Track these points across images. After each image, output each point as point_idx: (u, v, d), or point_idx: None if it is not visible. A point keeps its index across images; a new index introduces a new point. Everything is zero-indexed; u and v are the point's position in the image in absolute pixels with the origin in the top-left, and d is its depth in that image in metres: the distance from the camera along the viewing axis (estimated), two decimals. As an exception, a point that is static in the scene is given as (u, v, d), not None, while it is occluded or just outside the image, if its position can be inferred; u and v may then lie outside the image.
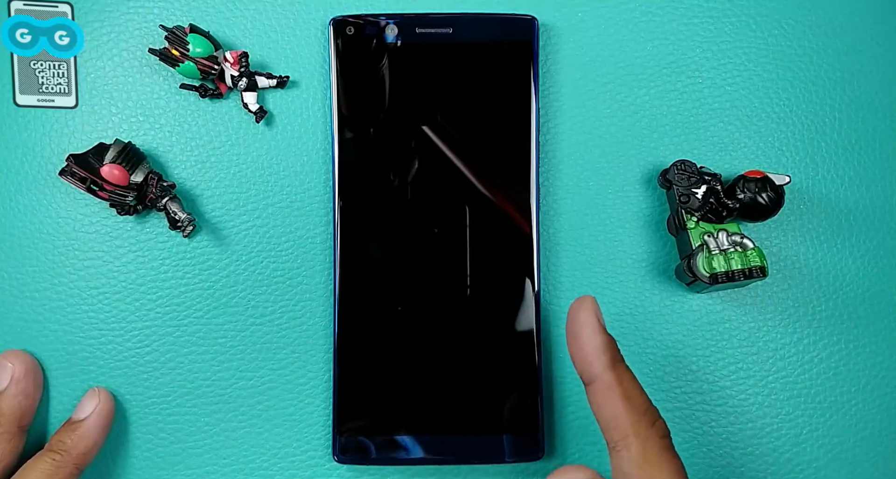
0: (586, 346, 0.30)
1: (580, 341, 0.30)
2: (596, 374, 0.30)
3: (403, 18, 0.36)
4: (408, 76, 0.36)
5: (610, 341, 0.30)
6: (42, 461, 0.34)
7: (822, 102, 0.39)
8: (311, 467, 0.37)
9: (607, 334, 0.30)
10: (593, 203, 0.38)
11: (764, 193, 0.35)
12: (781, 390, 0.38)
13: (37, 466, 0.33)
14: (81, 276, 0.37)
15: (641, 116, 0.38)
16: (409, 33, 0.36)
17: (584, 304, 0.31)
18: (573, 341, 0.31)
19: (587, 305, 0.30)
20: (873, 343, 0.39)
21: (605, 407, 0.29)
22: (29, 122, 0.37)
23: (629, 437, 0.29)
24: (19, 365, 0.35)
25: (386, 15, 0.36)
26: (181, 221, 0.35)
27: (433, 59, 0.36)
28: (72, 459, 0.34)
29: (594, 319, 0.30)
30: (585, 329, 0.30)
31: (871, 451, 0.38)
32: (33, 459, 0.34)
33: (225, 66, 0.36)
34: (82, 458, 0.34)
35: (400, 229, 0.36)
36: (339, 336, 0.36)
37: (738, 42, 0.39)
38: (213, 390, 0.37)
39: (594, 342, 0.30)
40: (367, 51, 0.36)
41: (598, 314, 0.30)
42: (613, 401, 0.29)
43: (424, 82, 0.36)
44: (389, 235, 0.36)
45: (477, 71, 0.36)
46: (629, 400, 0.29)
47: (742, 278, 0.35)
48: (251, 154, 0.37)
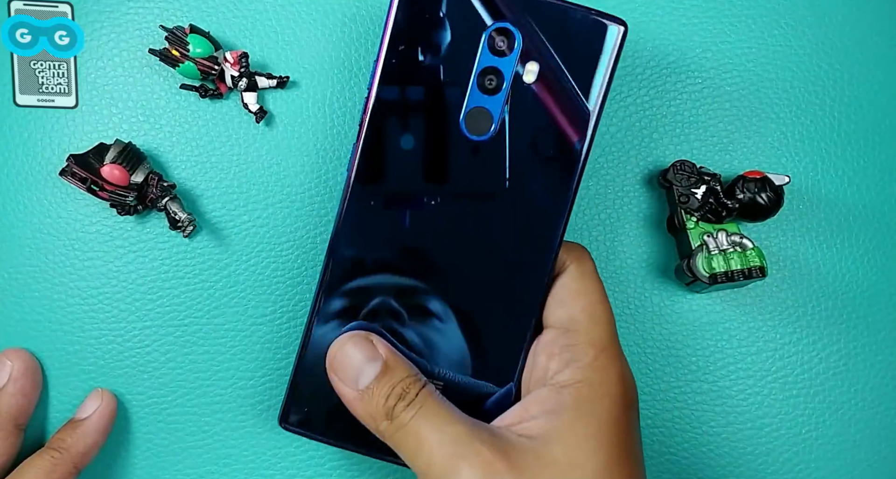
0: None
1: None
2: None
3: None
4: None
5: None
6: (41, 459, 0.34)
7: (822, 102, 0.39)
8: (311, 467, 0.37)
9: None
10: (593, 203, 0.38)
11: (763, 193, 0.35)
12: (781, 391, 0.38)
13: (35, 463, 0.34)
14: (82, 276, 0.37)
15: (641, 116, 0.38)
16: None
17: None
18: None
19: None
20: (873, 343, 0.39)
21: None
22: (29, 122, 0.37)
23: None
24: (18, 363, 0.35)
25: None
26: (181, 221, 0.35)
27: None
28: (71, 458, 0.34)
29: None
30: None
31: (871, 451, 0.38)
32: (32, 456, 0.34)
33: (225, 67, 0.36)
34: (81, 457, 0.34)
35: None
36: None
37: (738, 42, 0.39)
38: (213, 390, 0.37)
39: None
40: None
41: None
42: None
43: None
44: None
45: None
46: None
47: (742, 279, 0.35)
48: (251, 154, 0.37)
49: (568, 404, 0.29)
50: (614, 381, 0.29)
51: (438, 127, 0.31)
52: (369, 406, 0.29)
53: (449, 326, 0.32)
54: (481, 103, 0.31)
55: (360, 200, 0.31)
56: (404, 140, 0.31)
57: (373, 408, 0.29)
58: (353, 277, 0.32)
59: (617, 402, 0.29)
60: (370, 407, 0.29)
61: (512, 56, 0.31)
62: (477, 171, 0.32)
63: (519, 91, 0.31)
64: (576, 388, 0.29)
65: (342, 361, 0.30)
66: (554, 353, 0.30)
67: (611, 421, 0.29)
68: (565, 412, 0.29)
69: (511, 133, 0.31)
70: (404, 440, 0.29)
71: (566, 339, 0.30)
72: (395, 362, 0.30)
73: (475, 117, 0.31)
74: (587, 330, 0.30)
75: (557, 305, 0.31)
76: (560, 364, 0.30)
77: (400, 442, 0.29)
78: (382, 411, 0.29)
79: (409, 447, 0.29)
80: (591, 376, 0.29)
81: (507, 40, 0.31)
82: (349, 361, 0.30)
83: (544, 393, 0.30)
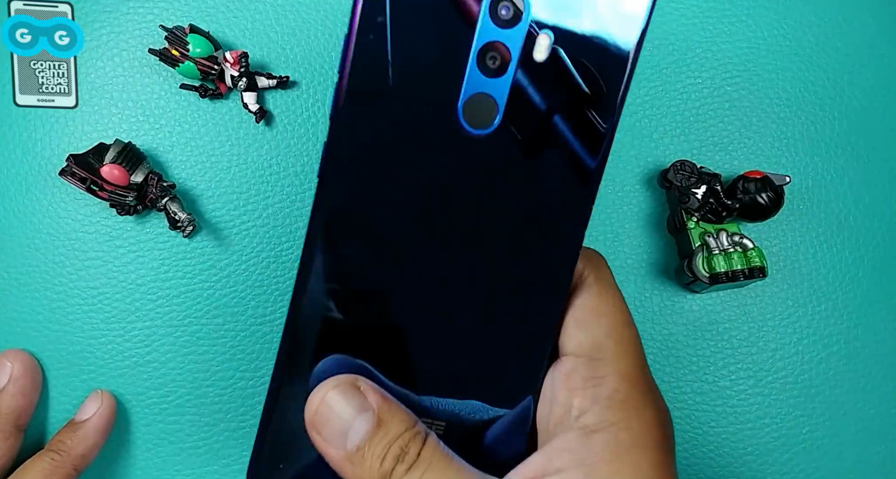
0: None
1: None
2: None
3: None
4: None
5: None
6: (41, 461, 0.34)
7: (822, 102, 0.39)
8: (311, 467, 0.37)
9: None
10: (593, 203, 0.38)
11: (764, 193, 0.35)
12: (781, 391, 0.38)
13: (35, 465, 0.34)
14: (81, 276, 0.37)
15: (641, 116, 0.38)
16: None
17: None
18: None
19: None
20: (873, 343, 0.39)
21: None
22: (29, 122, 0.37)
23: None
24: (18, 364, 0.35)
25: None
26: (181, 221, 0.35)
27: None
28: (70, 460, 0.34)
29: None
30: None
31: (871, 451, 0.38)
32: (32, 458, 0.34)
33: (225, 67, 0.36)
34: (81, 459, 0.34)
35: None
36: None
37: (738, 42, 0.39)
38: (213, 391, 0.37)
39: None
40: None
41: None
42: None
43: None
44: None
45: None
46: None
47: (742, 279, 0.35)
48: (251, 154, 0.37)
49: (603, 455, 0.24)
50: (652, 423, 0.25)
51: (431, 120, 0.25)
52: (362, 470, 0.24)
53: (450, 350, 0.27)
54: (483, 88, 0.25)
55: (337, 206, 0.25)
56: (390, 139, 0.25)
57: (366, 472, 0.24)
58: (334, 292, 0.26)
59: (659, 447, 0.25)
60: (363, 471, 0.24)
61: (520, 26, 0.24)
62: (479, 170, 0.26)
63: (528, 71, 0.25)
64: (610, 433, 0.24)
65: (326, 415, 0.25)
66: (576, 387, 0.25)
67: (653, 472, 0.24)
68: (601, 465, 0.24)
69: (520, 124, 0.25)
70: None
71: (590, 370, 0.25)
72: (389, 413, 0.25)
73: (476, 105, 0.25)
74: (616, 358, 0.25)
75: (577, 327, 0.26)
76: (586, 401, 0.25)
77: None
78: (378, 475, 0.24)
79: None
80: (626, 419, 0.25)
81: (512, 6, 0.24)
82: (334, 415, 0.25)
83: (571, 439, 0.24)
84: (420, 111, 0.25)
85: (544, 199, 0.26)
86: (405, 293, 0.26)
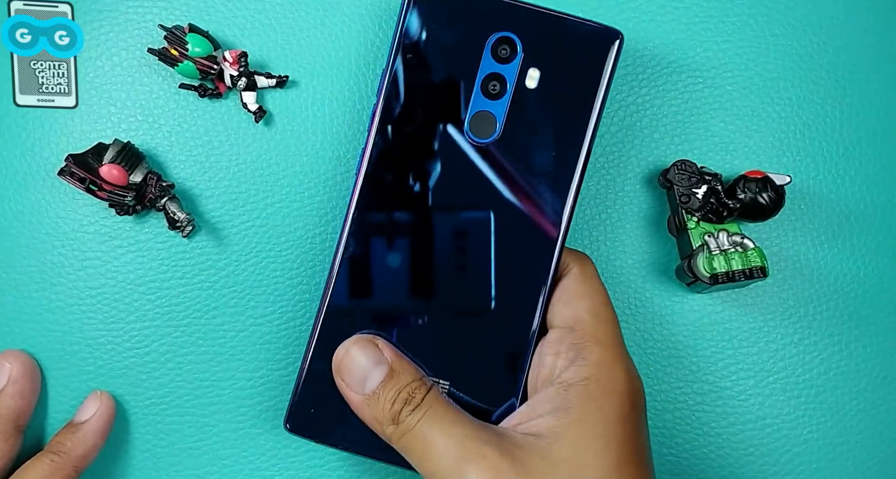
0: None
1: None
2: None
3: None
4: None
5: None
6: (40, 462, 0.34)
7: (822, 102, 0.39)
8: (311, 468, 0.37)
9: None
10: (593, 203, 0.38)
11: (765, 193, 0.35)
12: (781, 391, 0.38)
13: (35, 467, 0.33)
14: (80, 276, 0.37)
15: (642, 115, 0.38)
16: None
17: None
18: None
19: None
20: (873, 343, 0.39)
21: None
22: (29, 122, 0.36)
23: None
24: (17, 365, 0.35)
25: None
26: (180, 221, 0.35)
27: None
28: (70, 461, 0.34)
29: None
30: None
31: (871, 451, 0.38)
32: (32, 460, 0.34)
33: (224, 66, 0.36)
34: (81, 460, 0.34)
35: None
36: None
37: (738, 42, 0.39)
38: (212, 391, 0.37)
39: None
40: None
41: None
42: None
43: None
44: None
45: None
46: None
47: (743, 279, 0.35)
48: (251, 154, 0.37)
49: (575, 401, 0.29)
50: (622, 379, 0.30)
51: (445, 130, 0.33)
52: (375, 411, 0.29)
53: (453, 330, 0.33)
54: (485, 107, 0.33)
55: (368, 203, 0.33)
56: (411, 146, 0.33)
57: (379, 412, 0.29)
58: (360, 281, 0.32)
59: (625, 400, 0.29)
60: (376, 412, 0.29)
61: (514, 63, 0.32)
62: (481, 170, 0.33)
63: (522, 96, 0.32)
64: (583, 385, 0.29)
65: (348, 365, 0.30)
66: (560, 351, 0.31)
67: (619, 419, 0.29)
68: (573, 410, 0.28)
69: (514, 135, 0.33)
70: (411, 444, 0.29)
71: (572, 337, 0.31)
72: (400, 365, 0.30)
73: (479, 121, 0.33)
74: (593, 329, 0.30)
75: (562, 306, 0.32)
76: (566, 362, 0.30)
77: (406, 446, 0.29)
78: (389, 415, 0.29)
79: (415, 452, 0.29)
80: (597, 374, 0.29)
81: (509, 48, 0.32)
82: (355, 365, 0.30)
83: (551, 391, 0.30)
84: (438, 123, 0.33)
85: (534, 195, 0.33)
86: (420, 265, 0.33)
